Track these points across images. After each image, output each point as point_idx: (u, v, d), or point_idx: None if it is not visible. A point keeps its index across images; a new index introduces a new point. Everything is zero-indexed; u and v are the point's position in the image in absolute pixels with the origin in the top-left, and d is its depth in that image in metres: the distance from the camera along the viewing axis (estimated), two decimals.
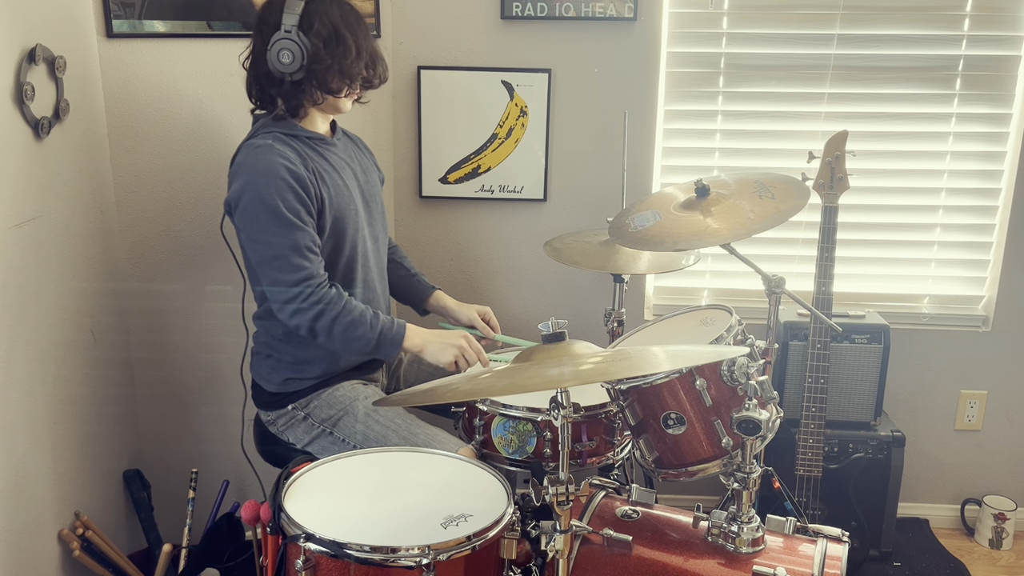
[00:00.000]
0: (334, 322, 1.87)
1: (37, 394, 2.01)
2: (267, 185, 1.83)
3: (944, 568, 2.66)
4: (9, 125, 1.89)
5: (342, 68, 1.89)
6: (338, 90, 1.93)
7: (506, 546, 1.57)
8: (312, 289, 1.85)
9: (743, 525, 1.62)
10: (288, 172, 1.85)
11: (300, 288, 1.85)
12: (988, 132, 2.63)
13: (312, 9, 1.86)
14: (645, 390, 1.72)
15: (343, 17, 1.89)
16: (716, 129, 2.67)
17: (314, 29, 1.85)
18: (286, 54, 1.84)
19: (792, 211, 1.87)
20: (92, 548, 2.19)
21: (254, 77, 1.93)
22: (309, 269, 1.85)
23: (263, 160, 1.85)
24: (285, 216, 1.83)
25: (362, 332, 1.90)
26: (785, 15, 2.56)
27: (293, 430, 2.04)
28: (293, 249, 1.84)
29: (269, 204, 1.83)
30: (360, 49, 1.91)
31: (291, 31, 1.83)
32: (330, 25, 1.86)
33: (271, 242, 1.84)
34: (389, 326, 1.93)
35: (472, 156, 2.62)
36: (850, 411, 2.58)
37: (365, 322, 1.90)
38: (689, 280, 2.81)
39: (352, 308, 1.90)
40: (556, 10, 2.48)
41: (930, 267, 2.76)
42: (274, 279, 1.86)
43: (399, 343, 1.94)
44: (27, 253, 1.96)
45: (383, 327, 1.92)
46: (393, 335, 1.93)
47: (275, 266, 1.85)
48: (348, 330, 1.89)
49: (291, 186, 1.85)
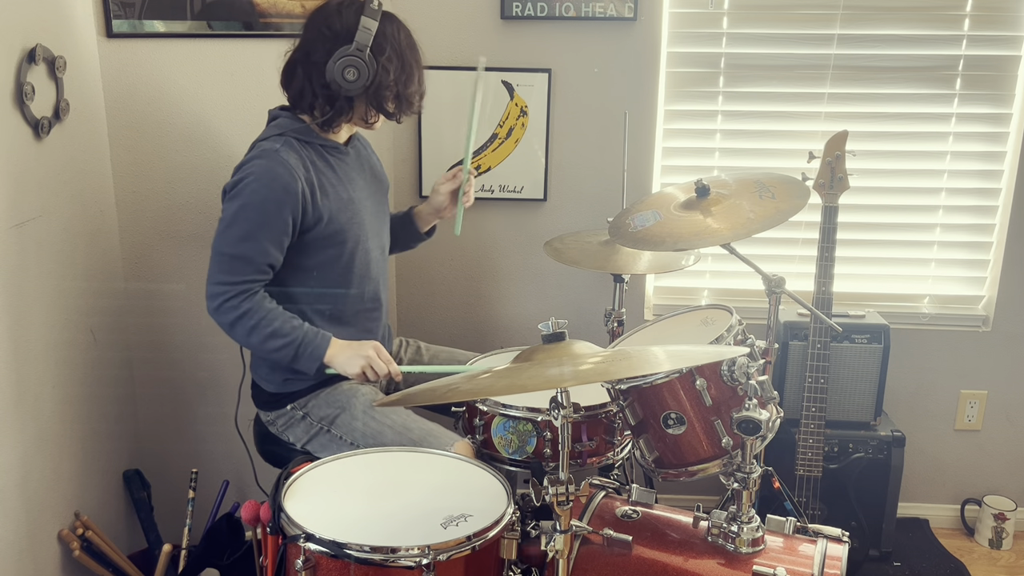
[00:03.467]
0: (252, 331, 1.87)
1: (37, 394, 2.01)
2: (255, 192, 1.85)
3: (944, 568, 2.66)
4: (9, 125, 1.89)
5: (400, 93, 1.93)
6: (392, 113, 1.96)
7: (506, 546, 1.57)
8: (234, 294, 1.86)
9: (743, 525, 1.62)
10: (282, 186, 1.85)
11: (224, 289, 1.86)
12: (988, 132, 2.63)
13: (383, 31, 1.87)
14: (645, 390, 1.72)
15: (409, 45, 1.94)
16: (716, 129, 2.67)
17: (386, 54, 1.87)
18: (352, 71, 1.85)
19: (792, 211, 1.87)
20: (92, 548, 2.19)
21: (306, 81, 1.91)
22: (242, 279, 1.86)
23: (263, 166, 1.86)
24: (254, 229, 1.85)
25: (281, 344, 1.89)
26: (785, 15, 2.56)
27: (292, 429, 2.04)
28: (242, 258, 1.86)
29: (247, 211, 1.85)
30: (420, 78, 1.97)
31: (363, 50, 1.85)
32: (399, 51, 1.90)
33: (228, 240, 1.86)
34: (312, 338, 1.92)
35: (472, 156, 2.62)
36: (850, 411, 2.58)
37: (285, 334, 1.89)
38: (689, 280, 2.81)
39: (273, 319, 1.89)
40: (556, 10, 2.49)
41: (930, 267, 2.76)
42: (212, 271, 1.88)
43: (320, 356, 1.92)
44: (27, 253, 1.96)
45: (304, 339, 1.91)
46: (313, 348, 1.92)
47: (218, 260, 1.87)
48: (267, 341, 1.89)
49: (278, 200, 1.85)
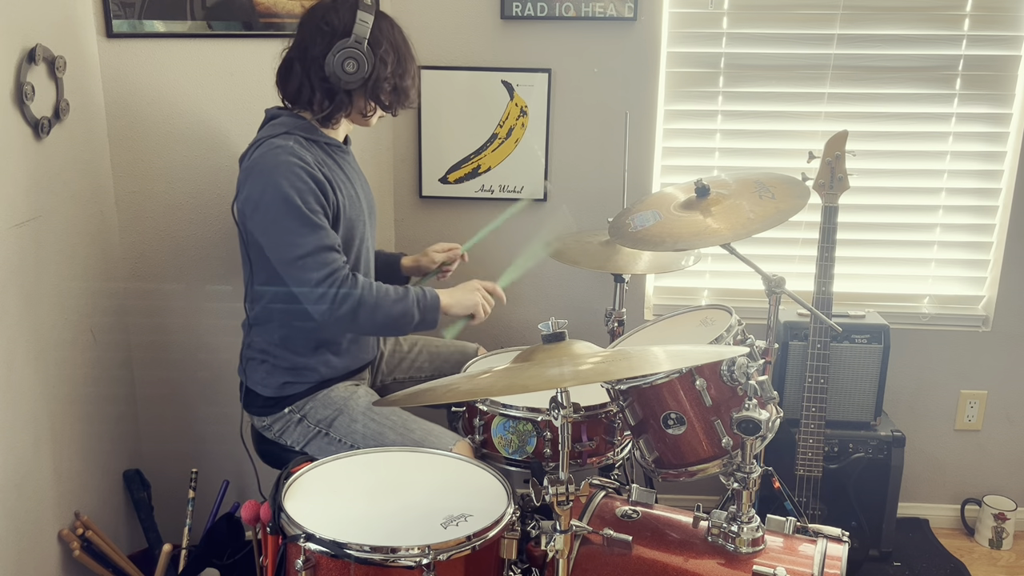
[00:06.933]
0: (375, 310, 1.88)
1: (37, 394, 2.01)
2: (289, 186, 1.82)
3: (944, 568, 2.66)
4: (9, 125, 1.89)
5: (397, 86, 1.96)
6: (389, 105, 1.98)
7: (506, 546, 1.57)
8: (337, 286, 1.84)
9: (743, 525, 1.62)
10: (308, 176, 1.85)
11: (325, 288, 1.83)
12: (988, 132, 2.63)
13: (377, 27, 1.91)
14: (645, 390, 1.72)
15: (402, 39, 1.98)
16: (716, 129, 2.67)
17: (382, 47, 1.91)
18: (351, 63, 1.87)
19: (792, 211, 1.87)
20: (92, 548, 2.19)
21: (305, 77, 1.92)
22: (334, 265, 1.85)
23: (284, 161, 1.84)
24: (308, 217, 1.83)
25: (402, 309, 1.91)
26: (785, 15, 2.56)
27: (289, 433, 2.04)
28: (320, 248, 1.84)
29: (292, 205, 1.82)
30: (415, 72, 2.01)
31: (362, 43, 1.87)
32: (395, 45, 1.94)
33: (297, 242, 1.83)
34: (422, 296, 1.95)
35: (472, 156, 2.62)
36: (850, 411, 2.58)
37: (401, 299, 1.92)
38: (689, 280, 2.81)
39: (383, 293, 1.90)
40: (556, 10, 2.49)
41: (930, 267, 2.76)
42: (300, 279, 1.85)
43: (437, 306, 1.96)
44: (27, 253, 1.96)
45: (417, 298, 1.94)
46: (429, 301, 1.95)
47: (300, 265, 1.84)
48: (389, 313, 1.90)
49: (312, 189, 1.85)
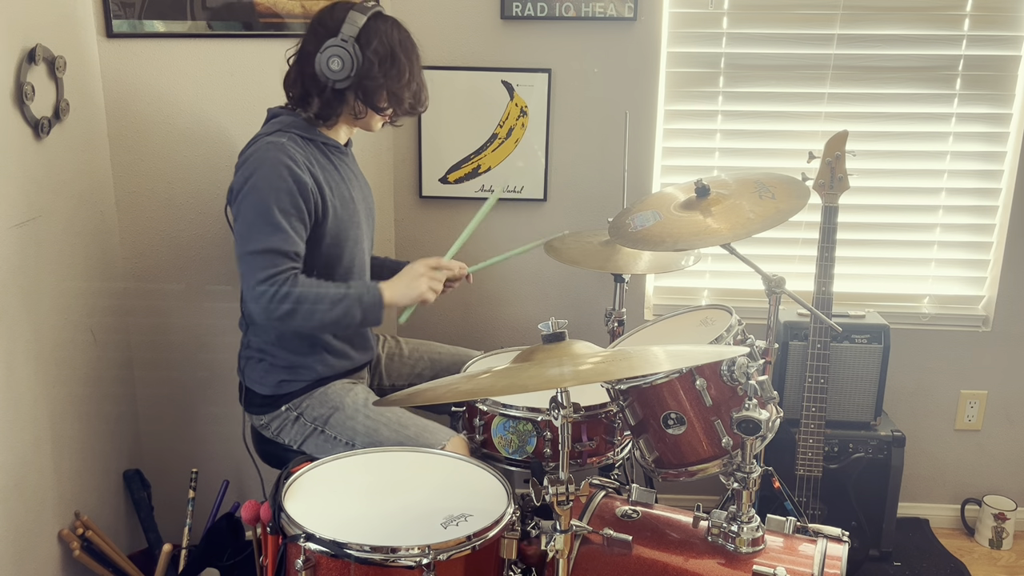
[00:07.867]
0: (311, 313, 1.87)
1: (37, 394, 2.01)
2: (268, 184, 1.85)
3: (944, 568, 2.66)
4: (9, 125, 1.89)
5: (391, 90, 1.95)
6: (383, 109, 1.98)
7: (506, 546, 1.56)
8: (277, 285, 1.84)
9: (743, 525, 1.62)
10: (291, 175, 1.86)
11: (265, 287, 1.84)
12: (988, 132, 2.63)
13: (373, 26, 1.90)
14: (645, 390, 1.72)
15: (401, 42, 1.95)
16: (716, 129, 2.67)
17: (372, 47, 1.90)
18: (336, 61, 1.87)
19: (792, 211, 1.87)
20: (92, 548, 2.19)
21: (299, 75, 1.95)
22: (280, 268, 1.86)
23: (272, 158, 1.86)
24: (273, 216, 1.85)
25: (342, 310, 1.89)
26: (785, 15, 2.56)
27: (287, 431, 2.04)
28: (271, 250, 1.85)
29: (262, 201, 1.85)
30: (412, 76, 1.97)
31: (347, 41, 1.87)
32: (388, 46, 1.92)
33: (253, 237, 1.86)
34: (364, 293, 1.93)
35: (472, 156, 2.62)
36: (850, 411, 2.58)
37: (340, 300, 1.89)
38: (689, 280, 2.81)
39: (322, 295, 1.88)
40: (556, 10, 2.48)
41: (930, 267, 2.76)
42: (245, 274, 1.88)
43: (380, 303, 1.94)
44: (27, 253, 1.96)
45: (360, 296, 1.92)
46: (371, 299, 1.93)
47: (248, 260, 1.87)
48: (327, 317, 1.88)
49: (290, 189, 1.86)
